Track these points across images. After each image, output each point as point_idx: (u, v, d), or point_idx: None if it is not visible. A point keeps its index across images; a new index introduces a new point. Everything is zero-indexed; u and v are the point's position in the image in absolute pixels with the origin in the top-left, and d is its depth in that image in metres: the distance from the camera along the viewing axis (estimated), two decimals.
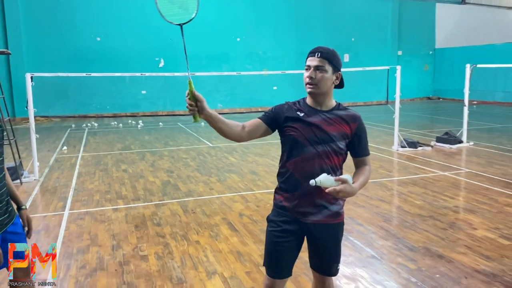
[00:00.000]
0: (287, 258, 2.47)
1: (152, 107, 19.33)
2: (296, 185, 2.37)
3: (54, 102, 17.33)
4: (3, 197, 2.42)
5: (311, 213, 2.38)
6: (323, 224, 2.41)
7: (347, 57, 22.69)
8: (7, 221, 2.48)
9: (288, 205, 2.41)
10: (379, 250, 4.36)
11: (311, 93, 2.37)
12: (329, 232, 2.45)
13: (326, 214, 2.40)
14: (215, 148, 10.51)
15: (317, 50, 2.35)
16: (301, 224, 2.41)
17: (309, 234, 2.45)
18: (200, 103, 2.34)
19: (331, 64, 2.34)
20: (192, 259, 4.23)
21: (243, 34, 20.62)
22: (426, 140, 10.60)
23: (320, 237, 2.45)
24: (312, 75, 2.33)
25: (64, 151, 10.34)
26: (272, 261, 2.47)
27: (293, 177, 2.38)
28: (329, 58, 2.34)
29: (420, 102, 23.81)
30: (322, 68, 2.32)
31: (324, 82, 2.34)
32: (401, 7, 23.71)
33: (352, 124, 2.41)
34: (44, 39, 17.66)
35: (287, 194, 2.42)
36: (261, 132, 2.45)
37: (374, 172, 7.73)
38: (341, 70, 2.42)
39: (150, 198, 6.36)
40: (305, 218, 2.39)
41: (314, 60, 2.34)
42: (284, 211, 2.43)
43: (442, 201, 5.93)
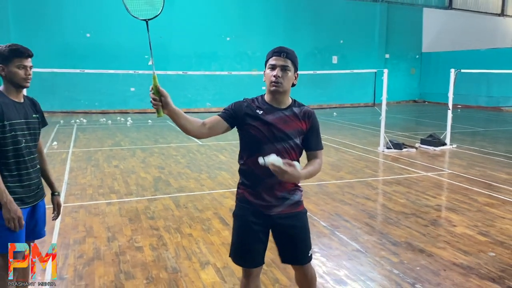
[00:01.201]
0: (257, 249, 2.58)
1: (141, 105, 19.35)
2: (258, 180, 2.50)
3: (41, 97, 17.01)
4: (31, 177, 2.79)
5: (274, 205, 2.52)
6: (287, 214, 2.55)
7: (335, 59, 23.03)
8: (41, 193, 2.91)
9: (252, 199, 2.54)
10: (363, 244, 4.59)
11: (275, 91, 2.46)
12: (295, 221, 2.58)
13: (288, 204, 2.54)
14: (204, 146, 10.68)
15: (282, 50, 2.46)
16: (265, 216, 2.54)
17: (275, 226, 2.58)
18: (164, 98, 2.36)
19: (294, 64, 2.49)
20: (186, 250, 4.41)
21: (232, 34, 20.80)
22: (411, 142, 10.90)
23: (287, 227, 2.57)
24: (279, 74, 2.43)
25: (54, 146, 10.41)
26: (243, 253, 2.59)
27: (255, 173, 2.49)
28: (292, 59, 2.48)
29: (406, 105, 24.24)
30: (287, 68, 2.44)
31: (287, 81, 2.46)
32: (389, 10, 24.12)
33: (307, 120, 2.53)
34: (33, 34, 17.59)
35: (250, 190, 2.55)
36: (221, 129, 2.50)
37: (360, 171, 7.99)
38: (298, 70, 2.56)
39: (142, 193, 6.51)
40: (269, 210, 2.52)
41: (280, 60, 2.44)
42: (248, 205, 2.55)
43: (425, 200, 6.20)
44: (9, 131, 2.63)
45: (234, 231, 2.66)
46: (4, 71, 2.68)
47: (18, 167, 2.71)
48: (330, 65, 22.79)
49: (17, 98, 2.77)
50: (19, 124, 2.70)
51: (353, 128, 14.18)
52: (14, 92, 2.75)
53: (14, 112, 2.68)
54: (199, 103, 20.42)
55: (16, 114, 2.69)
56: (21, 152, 2.71)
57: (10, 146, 2.66)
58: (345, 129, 13.97)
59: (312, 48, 22.47)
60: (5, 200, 2.58)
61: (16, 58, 2.67)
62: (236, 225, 2.64)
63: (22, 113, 2.73)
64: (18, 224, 2.62)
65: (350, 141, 11.38)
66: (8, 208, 2.58)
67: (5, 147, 2.64)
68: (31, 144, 2.79)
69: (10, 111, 2.66)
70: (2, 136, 2.62)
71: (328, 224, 5.22)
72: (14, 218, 2.59)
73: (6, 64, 2.67)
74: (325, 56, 22.82)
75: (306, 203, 5.97)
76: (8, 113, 2.64)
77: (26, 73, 2.71)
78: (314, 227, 5.12)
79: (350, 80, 22.50)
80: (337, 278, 3.86)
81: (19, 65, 2.68)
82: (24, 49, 2.71)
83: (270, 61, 2.48)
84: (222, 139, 11.39)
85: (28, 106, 2.83)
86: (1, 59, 2.67)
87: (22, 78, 2.70)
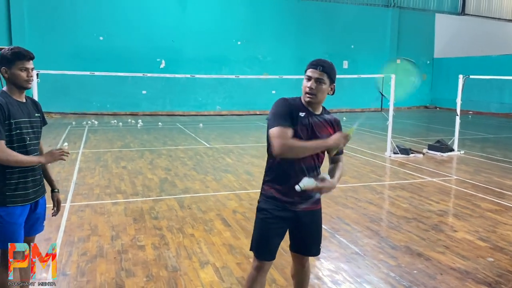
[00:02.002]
0: (276, 242, 2.77)
1: (151, 107, 19.58)
2: (287, 179, 2.66)
3: (54, 99, 17.52)
4: (33, 173, 2.94)
5: (300, 202, 2.68)
6: (310, 210, 2.76)
7: (345, 63, 23.02)
8: (42, 190, 3.05)
9: (279, 196, 2.70)
10: (362, 248, 4.63)
11: (309, 102, 2.65)
12: (315, 217, 2.84)
13: (312, 202, 2.71)
14: (212, 148, 10.78)
15: (319, 64, 2.63)
16: (291, 211, 2.71)
17: (298, 221, 2.75)
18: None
19: (329, 77, 2.64)
20: (187, 250, 4.50)
21: (243, 38, 20.93)
22: (418, 148, 10.88)
23: (308, 223, 2.79)
24: (312, 86, 2.61)
25: (65, 147, 10.59)
26: (263, 244, 2.75)
27: (286, 172, 2.66)
28: (328, 72, 2.63)
29: (417, 111, 24.13)
30: (322, 81, 2.62)
31: (322, 93, 2.65)
32: (401, 16, 24.06)
33: (336, 127, 2.77)
34: (47, 37, 17.93)
35: (278, 187, 2.70)
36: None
37: (365, 176, 8.02)
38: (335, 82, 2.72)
39: (148, 194, 6.62)
40: (295, 207, 2.69)
41: (315, 73, 2.61)
42: (275, 200, 2.71)
43: (428, 205, 6.21)
44: (15, 129, 2.76)
45: (257, 224, 2.79)
46: (7, 73, 2.81)
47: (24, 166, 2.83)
48: (340, 69, 22.74)
49: (20, 98, 2.90)
50: (24, 122, 2.83)
51: (362, 133, 14.18)
52: (17, 93, 2.87)
53: (19, 111, 2.81)
54: (209, 107, 20.56)
55: (20, 113, 2.82)
56: (25, 149, 2.83)
57: (16, 144, 2.78)
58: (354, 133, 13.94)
59: (323, 53, 22.46)
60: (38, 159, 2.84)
61: (18, 60, 2.79)
62: (260, 217, 2.76)
63: (26, 112, 2.87)
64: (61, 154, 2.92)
65: (357, 145, 11.39)
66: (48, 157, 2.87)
67: (11, 145, 2.76)
68: (34, 142, 2.93)
69: (15, 111, 2.78)
70: (8, 134, 2.74)
71: (329, 227, 5.26)
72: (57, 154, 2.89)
73: (9, 66, 2.79)
74: (336, 61, 22.50)
75: None
76: (13, 112, 2.76)
77: (28, 75, 2.84)
78: None
79: (360, 85, 22.42)
80: (333, 279, 3.91)
81: (21, 68, 2.80)
82: (26, 52, 2.83)
83: (307, 72, 2.66)
84: (230, 142, 11.49)
85: (30, 106, 2.96)
86: (4, 62, 2.80)
87: (24, 80, 2.83)
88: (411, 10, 24.61)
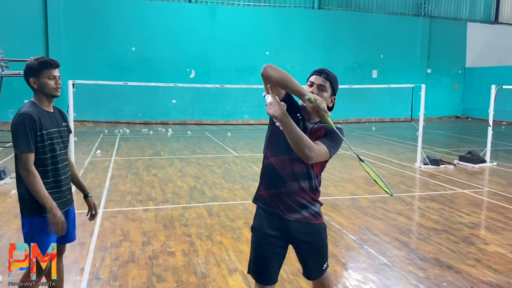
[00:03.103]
0: (274, 264, 2.61)
1: (181, 116, 19.91)
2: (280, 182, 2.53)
3: (87, 108, 18.04)
4: (64, 182, 3.00)
5: (293, 210, 2.54)
6: (305, 222, 2.58)
7: (375, 73, 22.86)
8: (72, 198, 3.10)
9: (271, 201, 2.57)
10: (391, 259, 4.61)
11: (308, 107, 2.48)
12: (313, 232, 2.62)
13: (307, 212, 2.57)
14: (240, 157, 10.89)
15: (323, 71, 2.57)
16: (283, 225, 2.56)
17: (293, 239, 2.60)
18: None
19: (332, 87, 2.57)
20: (215, 257, 4.57)
21: (272, 48, 21.07)
22: (449, 159, 10.70)
23: (304, 237, 2.59)
24: (314, 91, 2.51)
25: (97, 154, 10.90)
26: (260, 267, 2.62)
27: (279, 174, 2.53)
28: (331, 81, 2.56)
29: (448, 121, 23.70)
30: (324, 88, 2.53)
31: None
32: (432, 25, 23.76)
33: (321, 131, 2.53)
34: (82, 48, 18.55)
35: (271, 191, 2.58)
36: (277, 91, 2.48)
37: (394, 186, 7.94)
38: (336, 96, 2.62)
39: (178, 201, 6.76)
40: (288, 214, 2.55)
41: (318, 79, 2.55)
42: (267, 207, 2.59)
43: (458, 217, 6.11)
44: (47, 140, 2.81)
45: (251, 245, 2.70)
46: (36, 83, 2.84)
47: (54, 174, 2.89)
48: (370, 79, 22.65)
49: (49, 108, 2.94)
50: (54, 133, 2.88)
51: (391, 143, 14.03)
52: (46, 102, 2.91)
53: (48, 121, 2.86)
54: (238, 116, 20.74)
55: (50, 123, 2.87)
56: (56, 159, 2.89)
57: (48, 154, 2.83)
58: (383, 144, 13.85)
59: (352, 62, 22.43)
60: (51, 205, 2.74)
61: (45, 69, 2.82)
62: (254, 238, 2.68)
63: (55, 122, 2.92)
64: (61, 229, 2.78)
65: (386, 156, 11.29)
66: (54, 214, 2.74)
67: (44, 155, 2.81)
68: (64, 151, 2.99)
69: (46, 121, 2.83)
70: (41, 145, 2.79)
71: (357, 237, 5.25)
72: (59, 223, 2.76)
73: (37, 76, 2.82)
74: (365, 70, 22.69)
75: (336, 216, 6.05)
76: (44, 122, 2.81)
77: (57, 83, 2.87)
78: (343, 239, 5.18)
79: (389, 95, 22.24)
80: None
81: (49, 76, 2.84)
82: (52, 60, 2.86)
83: (310, 79, 2.59)
84: (257, 151, 11.58)
85: (58, 115, 3.00)
86: (32, 72, 2.83)
87: (53, 88, 2.86)
88: (442, 19, 24.27)
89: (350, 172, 9.13)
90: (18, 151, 2.73)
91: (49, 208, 2.73)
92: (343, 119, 21.19)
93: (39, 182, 2.72)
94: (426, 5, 23.64)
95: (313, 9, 21.91)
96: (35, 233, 2.81)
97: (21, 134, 2.71)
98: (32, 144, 2.73)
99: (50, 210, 2.74)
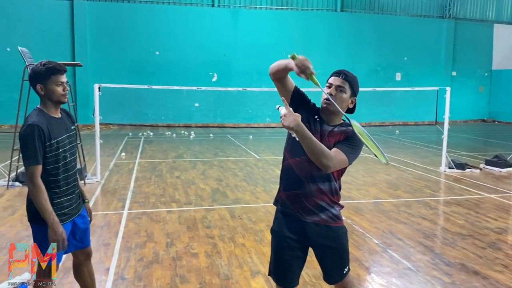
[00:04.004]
0: (294, 267, 2.58)
1: (203, 119, 20.09)
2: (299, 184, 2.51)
3: (113, 111, 18.36)
4: (75, 188, 2.96)
5: (312, 213, 2.51)
6: (324, 225, 2.53)
7: (398, 76, 22.61)
8: (79, 207, 3.01)
9: (290, 203, 2.56)
10: (415, 263, 4.55)
11: (325, 109, 2.51)
12: (332, 235, 2.57)
13: (326, 215, 2.53)
14: (262, 160, 10.91)
15: (341, 72, 2.53)
16: (302, 227, 2.54)
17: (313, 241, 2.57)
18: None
19: (351, 88, 2.52)
20: (238, 259, 4.60)
21: (293, 51, 20.63)
22: (475, 163, 10.50)
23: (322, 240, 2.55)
24: (332, 93, 2.49)
25: (122, 157, 11.08)
26: (280, 270, 2.60)
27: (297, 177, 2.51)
28: (351, 82, 2.51)
29: (474, 124, 23.24)
30: (343, 89, 2.49)
31: (340, 102, 2.49)
32: (457, 27, 23.36)
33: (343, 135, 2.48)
34: (107, 52, 18.91)
35: (289, 192, 2.56)
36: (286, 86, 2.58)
37: (418, 190, 7.84)
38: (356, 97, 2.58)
39: (200, 203, 6.82)
40: (306, 217, 2.52)
41: (337, 80, 2.51)
42: (287, 209, 2.57)
43: (485, 222, 5.99)
44: (58, 149, 2.74)
45: (271, 248, 2.68)
46: (43, 90, 2.73)
47: (66, 182, 2.84)
48: (393, 82, 22.40)
49: (56, 114, 2.83)
50: (63, 140, 2.80)
51: (415, 146, 13.84)
52: (53, 109, 2.81)
53: (58, 129, 2.77)
54: (259, 119, 20.77)
55: (59, 130, 2.78)
56: (67, 166, 2.84)
57: (61, 162, 2.77)
58: (407, 147, 13.67)
59: (375, 65, 22.23)
60: (52, 221, 2.64)
61: (53, 75, 2.71)
62: (273, 241, 2.67)
63: (63, 129, 2.83)
64: (62, 245, 2.69)
65: (411, 159, 11.15)
66: (55, 230, 2.65)
67: (55, 164, 2.75)
68: (73, 157, 2.93)
69: (55, 129, 2.74)
70: (53, 154, 2.72)
71: (381, 241, 5.20)
72: (59, 239, 2.67)
73: (44, 82, 2.71)
74: (388, 73, 22.46)
75: (359, 220, 6.01)
76: (53, 131, 2.72)
77: (64, 89, 2.78)
78: (366, 243, 5.14)
79: (413, 98, 21.96)
80: None
81: (57, 83, 2.73)
82: (59, 66, 2.75)
83: (329, 80, 2.55)
84: (279, 154, 11.56)
85: (66, 120, 2.91)
86: (39, 78, 2.71)
87: (61, 95, 2.76)
88: (468, 21, 23.83)
89: (373, 176, 9.05)
90: (26, 163, 2.65)
91: (50, 224, 2.64)
92: (366, 122, 21.02)
93: (44, 196, 2.64)
94: (451, 7, 23.27)
95: (336, 11, 21.81)
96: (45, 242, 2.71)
97: (29, 146, 2.62)
98: (40, 156, 2.64)
99: (51, 226, 2.64)
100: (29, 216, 2.81)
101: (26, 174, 2.68)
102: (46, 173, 2.72)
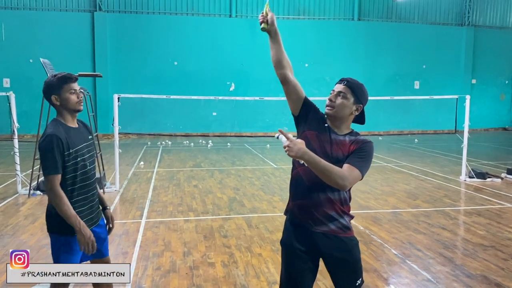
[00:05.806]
0: (305, 278, 2.52)
1: (221, 128, 20.20)
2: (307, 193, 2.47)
3: (131, 121, 18.60)
4: (94, 197, 2.99)
5: (321, 223, 2.46)
6: (331, 235, 2.47)
7: (417, 84, 22.39)
8: (98, 216, 3.03)
9: (299, 213, 2.50)
10: (435, 275, 4.47)
11: (328, 114, 2.51)
12: (342, 246, 2.48)
13: (335, 225, 2.47)
14: (279, 169, 10.89)
15: (344, 79, 2.53)
16: (311, 239, 2.48)
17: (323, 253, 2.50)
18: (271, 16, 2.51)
19: (354, 95, 2.48)
20: (255, 269, 4.59)
21: (311, 60, 21.04)
22: (496, 172, 10.30)
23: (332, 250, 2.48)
24: (332, 98, 2.50)
25: (141, 166, 11.20)
26: (291, 283, 2.55)
27: (306, 185, 2.46)
28: (353, 88, 2.49)
29: (495, 133, 22.83)
30: (344, 95, 2.47)
31: (341, 108, 2.47)
32: (476, 34, 23.07)
33: (353, 145, 2.45)
34: (127, 63, 19.22)
35: (299, 201, 2.50)
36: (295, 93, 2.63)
37: (438, 200, 7.72)
38: (364, 105, 2.53)
39: (218, 212, 6.83)
40: (315, 227, 2.46)
41: (339, 87, 2.52)
42: (295, 219, 2.53)
43: (507, 233, 5.86)
44: (77, 157, 2.77)
45: (282, 261, 2.62)
46: (58, 100, 2.78)
47: (86, 190, 2.86)
48: (412, 90, 22.19)
49: (73, 124, 2.86)
50: (82, 149, 2.83)
51: (435, 155, 13.66)
52: (70, 118, 2.84)
53: (76, 138, 2.80)
54: (276, 128, 20.47)
55: (78, 140, 2.81)
56: (87, 175, 2.86)
57: (79, 171, 2.79)
58: (426, 156, 13.50)
59: (394, 73, 22.08)
60: (79, 226, 2.68)
61: (65, 84, 2.77)
62: (283, 253, 2.61)
63: (81, 138, 2.86)
64: (92, 248, 2.74)
65: (430, 169, 11.00)
66: (83, 233, 2.68)
67: (75, 173, 2.77)
68: (92, 166, 2.95)
69: (73, 138, 2.77)
70: (72, 162, 2.74)
71: (400, 252, 5.13)
72: (88, 242, 2.71)
73: (58, 93, 2.76)
74: (406, 81, 22.27)
75: (378, 230, 5.95)
76: (72, 140, 2.75)
77: (78, 97, 2.81)
78: (385, 254, 5.07)
79: (432, 106, 21.72)
80: None
81: (70, 91, 2.78)
82: (70, 75, 2.80)
83: (334, 88, 2.56)
84: None
85: (83, 130, 2.94)
86: (53, 89, 2.77)
87: (76, 102, 2.80)
88: (487, 28, 23.52)
89: (392, 186, 8.96)
90: (45, 172, 2.68)
91: (78, 229, 2.68)
92: (384, 131, 20.83)
93: (66, 203, 2.67)
94: (470, 14, 23.01)
95: (353, 20, 21.76)
96: (61, 253, 2.77)
97: (49, 156, 2.66)
98: (59, 165, 2.68)
99: (78, 230, 2.68)
100: (48, 226, 2.85)
101: (46, 183, 2.72)
102: (66, 182, 2.75)
